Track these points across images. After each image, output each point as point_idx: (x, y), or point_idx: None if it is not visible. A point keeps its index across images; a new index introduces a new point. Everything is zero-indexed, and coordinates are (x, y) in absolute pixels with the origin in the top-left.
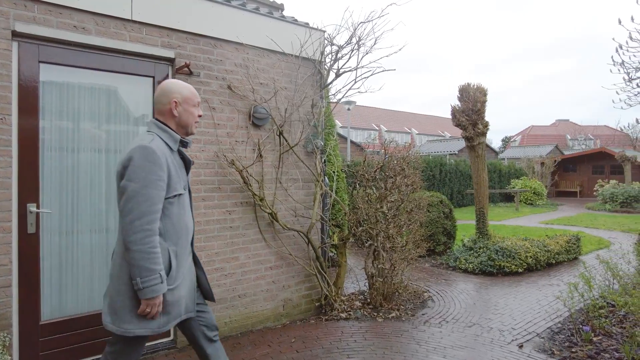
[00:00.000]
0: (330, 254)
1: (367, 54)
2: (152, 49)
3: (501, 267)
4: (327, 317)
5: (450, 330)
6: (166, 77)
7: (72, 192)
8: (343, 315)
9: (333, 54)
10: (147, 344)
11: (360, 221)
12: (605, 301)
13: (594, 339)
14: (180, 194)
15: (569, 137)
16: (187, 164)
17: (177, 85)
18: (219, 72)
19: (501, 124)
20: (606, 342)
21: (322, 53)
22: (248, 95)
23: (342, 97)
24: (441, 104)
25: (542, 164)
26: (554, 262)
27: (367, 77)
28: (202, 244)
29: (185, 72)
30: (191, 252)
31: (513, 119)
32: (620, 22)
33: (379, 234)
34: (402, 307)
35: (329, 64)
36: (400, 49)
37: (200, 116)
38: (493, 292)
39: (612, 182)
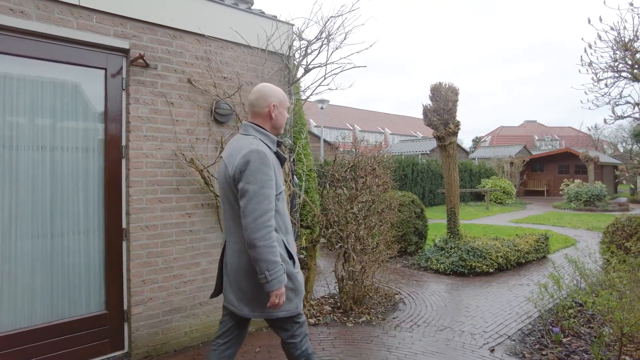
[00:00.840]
0: (301, 256)
1: (337, 49)
2: (104, 38)
3: (472, 267)
4: None
5: (422, 334)
6: (120, 69)
7: (9, 193)
8: (312, 320)
9: (302, 49)
10: None
11: (331, 222)
12: (573, 301)
13: (564, 340)
14: (282, 191)
15: (537, 138)
16: (282, 161)
17: (274, 90)
18: (178, 65)
19: (472, 125)
20: (575, 343)
21: (290, 47)
22: (210, 89)
23: (311, 93)
24: (414, 105)
25: (512, 163)
26: (523, 261)
27: (337, 73)
28: (159, 249)
29: (140, 64)
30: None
31: (483, 120)
32: (589, 21)
33: (350, 235)
34: (372, 310)
35: (298, 59)
36: (371, 45)
37: (287, 119)
38: (464, 294)
39: (577, 181)
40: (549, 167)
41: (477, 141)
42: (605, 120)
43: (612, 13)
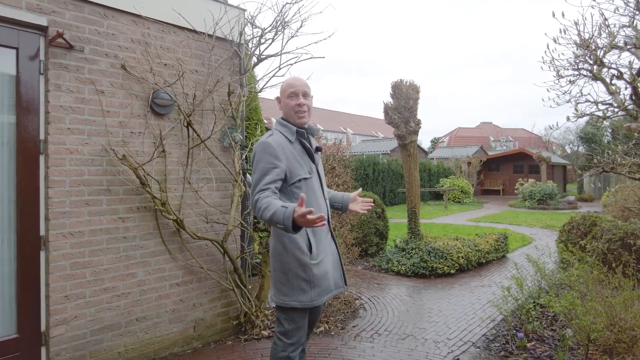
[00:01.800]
0: (257, 260)
1: (292, 37)
2: (14, 11)
3: (434, 268)
4: (246, 336)
5: (383, 344)
6: (37, 50)
7: None
8: (265, 333)
9: (256, 37)
10: None
11: None
12: (535, 302)
13: (528, 345)
14: (305, 178)
15: (492, 139)
16: (308, 151)
17: (283, 83)
18: (110, 49)
19: (430, 126)
20: (540, 347)
21: (240, 34)
22: (147, 77)
23: (265, 84)
24: (376, 106)
25: (469, 163)
26: (484, 261)
27: (293, 63)
28: (87, 259)
29: (61, 44)
30: (329, 231)
31: (441, 121)
32: (554, 14)
33: None
34: (331, 318)
35: (251, 48)
36: (329, 36)
37: (299, 104)
38: (426, 297)
39: (531, 181)
40: (505, 167)
41: (435, 142)
42: (568, 118)
43: (575, 10)
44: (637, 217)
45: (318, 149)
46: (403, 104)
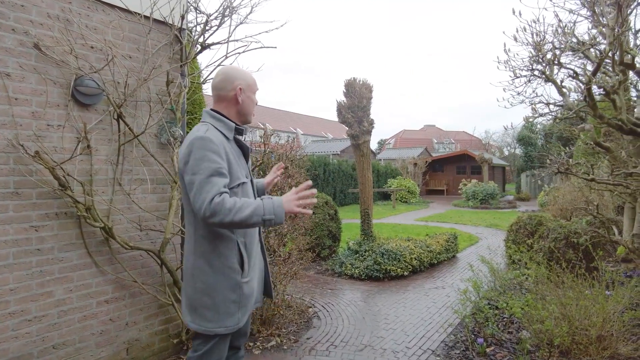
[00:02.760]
0: None
1: (241, 23)
2: None
3: (387, 271)
4: None
5: (340, 357)
6: None
7: None
8: None
9: (201, 24)
10: None
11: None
12: (490, 303)
13: (488, 350)
14: (243, 183)
15: (435, 141)
16: (245, 151)
17: (241, 72)
18: (18, 23)
19: (377, 127)
20: (500, 352)
21: (182, 17)
22: (69, 60)
23: (210, 74)
24: (325, 108)
25: (415, 164)
26: (436, 262)
27: (241, 52)
28: None
29: None
30: (259, 242)
31: (387, 123)
32: (514, 12)
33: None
34: (284, 330)
35: (195, 35)
36: (282, 25)
37: (255, 104)
38: (382, 302)
39: (473, 181)
40: (448, 168)
41: (382, 143)
42: (525, 118)
43: (530, 11)
44: (578, 216)
45: (250, 150)
46: (356, 103)
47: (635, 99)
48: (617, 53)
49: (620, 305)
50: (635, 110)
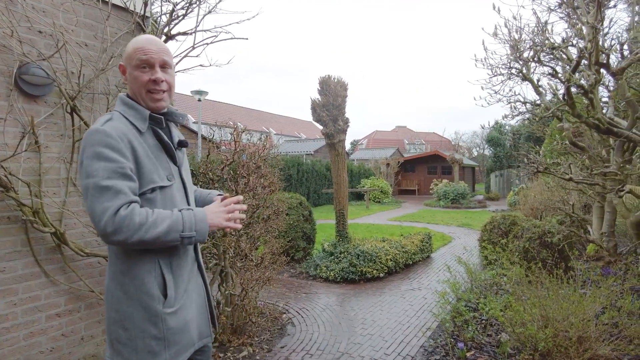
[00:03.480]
0: None
1: (209, 12)
2: None
3: (363, 272)
4: None
5: None
6: None
7: None
8: None
9: (167, 14)
10: None
11: None
12: (468, 305)
13: (468, 354)
14: (162, 187)
15: (407, 142)
16: (166, 146)
17: (130, 43)
18: None
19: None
20: (480, 356)
21: (145, 4)
22: (12, 45)
23: (176, 64)
24: (300, 107)
25: (388, 164)
26: (411, 262)
27: (209, 43)
28: None
29: None
30: (195, 260)
31: (360, 124)
32: (494, 7)
33: (227, 250)
34: (256, 339)
35: (160, 25)
36: (254, 17)
37: (156, 80)
38: (358, 305)
39: (444, 181)
40: (419, 168)
41: (355, 144)
42: (504, 117)
43: (508, 9)
44: (549, 215)
45: (183, 144)
46: (331, 101)
47: (606, 99)
48: (594, 53)
49: (598, 305)
50: (608, 111)
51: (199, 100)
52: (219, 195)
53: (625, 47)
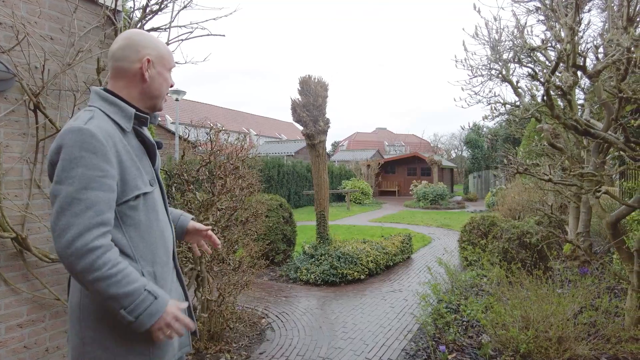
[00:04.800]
0: None
1: (184, 7)
2: None
3: (344, 275)
4: None
5: None
6: None
7: None
8: None
9: (140, 9)
10: None
11: None
12: (449, 307)
13: (450, 357)
14: (145, 193)
15: (387, 143)
16: (149, 148)
17: (151, 38)
18: None
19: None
20: (462, 359)
21: None
22: None
23: None
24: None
25: (368, 166)
26: (391, 264)
27: (184, 39)
28: None
29: None
30: (174, 268)
31: (340, 126)
32: (475, 7)
33: (203, 254)
34: (234, 345)
35: (134, 19)
36: (231, 13)
37: (172, 86)
38: (339, 308)
39: (424, 182)
40: (399, 170)
41: (335, 145)
42: (484, 117)
43: (488, 10)
44: (527, 215)
45: (159, 145)
46: (312, 102)
47: (582, 102)
48: (571, 55)
49: (577, 305)
50: (584, 113)
51: (177, 99)
52: (193, 219)
53: (601, 50)
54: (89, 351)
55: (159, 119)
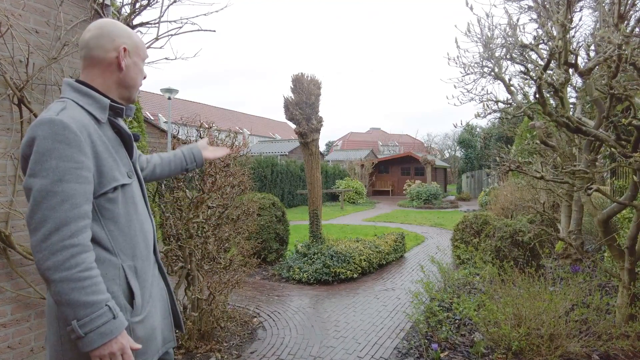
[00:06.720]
0: None
1: (173, 2)
2: None
3: (337, 274)
4: None
5: None
6: None
7: None
8: None
9: (129, 4)
10: None
11: (169, 236)
12: (441, 305)
13: (442, 355)
14: (123, 185)
15: (381, 143)
16: (125, 139)
17: (124, 28)
18: None
19: (324, 129)
20: (454, 357)
21: None
22: None
23: None
24: (274, 107)
25: (362, 165)
26: (384, 262)
27: (174, 34)
28: None
29: None
30: (156, 262)
31: (334, 126)
32: (467, 4)
33: (194, 252)
34: (225, 345)
35: (124, 14)
36: (222, 9)
37: (145, 77)
38: (331, 307)
39: (417, 182)
40: (393, 169)
41: (330, 145)
42: (477, 115)
43: (481, 7)
44: (520, 214)
45: (136, 138)
46: (305, 100)
47: (574, 100)
48: (563, 52)
49: (568, 302)
50: (575, 111)
51: (169, 98)
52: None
53: (592, 47)
54: (68, 349)
55: (152, 118)
